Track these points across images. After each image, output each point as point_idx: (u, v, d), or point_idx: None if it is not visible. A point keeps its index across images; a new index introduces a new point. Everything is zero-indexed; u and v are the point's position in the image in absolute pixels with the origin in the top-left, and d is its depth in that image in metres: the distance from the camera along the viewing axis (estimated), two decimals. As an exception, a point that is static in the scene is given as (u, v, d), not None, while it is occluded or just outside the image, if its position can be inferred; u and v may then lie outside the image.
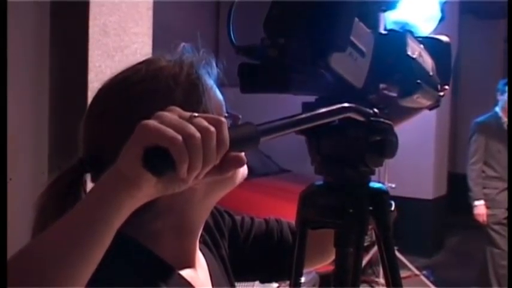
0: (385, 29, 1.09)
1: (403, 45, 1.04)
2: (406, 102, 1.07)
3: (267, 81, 0.91)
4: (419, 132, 7.73)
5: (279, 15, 0.92)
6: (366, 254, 6.31)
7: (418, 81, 1.04)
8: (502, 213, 5.69)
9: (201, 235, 1.13)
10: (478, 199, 5.76)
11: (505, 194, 5.59)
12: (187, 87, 0.98)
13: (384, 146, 0.98)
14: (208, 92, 1.00)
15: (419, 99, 1.07)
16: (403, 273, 6.69)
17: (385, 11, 1.14)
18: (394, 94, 1.06)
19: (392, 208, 1.04)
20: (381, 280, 6.37)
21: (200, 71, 1.01)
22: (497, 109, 5.81)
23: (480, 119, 5.97)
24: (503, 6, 11.50)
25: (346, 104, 0.90)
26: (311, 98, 1.00)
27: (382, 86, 1.08)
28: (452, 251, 8.60)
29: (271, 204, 5.90)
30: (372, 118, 0.96)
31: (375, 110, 0.97)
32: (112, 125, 0.96)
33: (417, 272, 6.37)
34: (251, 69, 0.91)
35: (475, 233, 9.75)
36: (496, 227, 5.75)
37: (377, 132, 0.97)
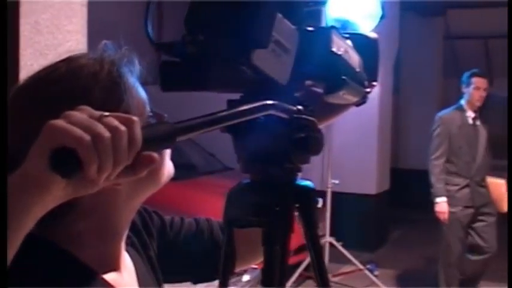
0: (310, 26, 1.08)
1: (328, 42, 1.03)
2: (332, 99, 1.07)
3: (187, 79, 0.89)
4: (362, 128, 7.83)
5: (199, 11, 0.91)
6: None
7: (344, 77, 1.04)
8: (460, 211, 5.59)
9: (128, 237, 1.11)
10: (439, 196, 5.60)
11: (465, 191, 5.53)
12: (107, 86, 0.96)
13: (308, 142, 0.98)
14: (130, 90, 0.98)
15: (345, 96, 1.07)
16: (347, 268, 6.78)
17: (311, 7, 1.13)
18: (321, 91, 1.06)
19: (320, 205, 1.03)
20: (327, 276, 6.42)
21: (122, 69, 0.99)
22: (462, 102, 5.68)
23: (444, 112, 5.83)
24: (443, 3, 11.75)
25: (267, 102, 0.89)
26: (237, 95, 0.99)
27: (308, 82, 1.08)
28: (395, 245, 8.73)
29: (215, 202, 5.86)
30: (295, 115, 0.95)
31: (299, 107, 0.96)
32: (29, 125, 0.93)
33: (361, 267, 6.44)
34: (171, 66, 0.90)
35: (417, 227, 9.96)
36: (454, 225, 5.61)
37: (300, 129, 0.96)
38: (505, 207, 5.50)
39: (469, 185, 5.54)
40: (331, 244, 6.38)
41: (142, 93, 1.02)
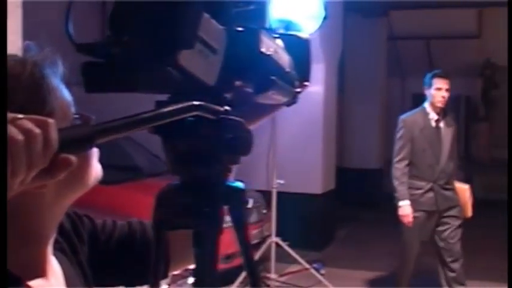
0: (240, 26, 1.08)
1: (256, 42, 1.03)
2: (262, 99, 1.07)
3: (111, 80, 0.88)
4: (307, 129, 7.90)
5: (123, 11, 0.89)
6: (256, 250, 6.36)
7: (273, 77, 1.04)
8: (423, 215, 5.51)
9: (57, 241, 1.08)
10: (402, 199, 5.47)
11: (429, 195, 5.46)
12: (30, 88, 0.94)
13: (236, 143, 0.97)
14: (54, 91, 0.96)
15: (274, 96, 1.07)
16: (293, 268, 6.81)
17: (241, 7, 1.13)
18: (251, 91, 1.06)
19: (249, 206, 1.03)
20: (273, 275, 6.44)
21: (45, 70, 0.97)
22: (425, 104, 5.58)
23: (407, 114, 5.72)
24: (386, 4, 11.93)
25: (192, 102, 0.89)
26: (166, 97, 0.98)
27: (237, 83, 1.08)
28: (341, 244, 8.83)
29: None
30: (222, 116, 0.94)
31: (226, 107, 0.96)
32: None
33: (307, 266, 6.48)
34: (95, 67, 0.88)
35: (363, 225, 10.09)
36: (415, 228, 5.48)
37: (228, 129, 0.96)
38: (469, 213, 5.50)
39: (433, 188, 5.47)
40: (277, 244, 6.40)
41: (66, 94, 1.00)
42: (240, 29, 1.07)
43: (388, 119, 13.62)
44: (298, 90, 1.16)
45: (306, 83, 1.23)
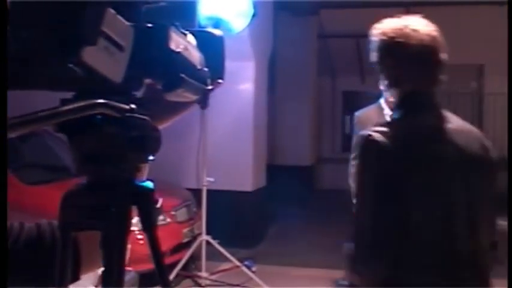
0: (149, 22, 1.06)
1: (165, 39, 1.02)
2: (172, 97, 1.06)
3: (12, 78, 0.85)
4: (237, 126, 7.90)
5: (23, 6, 0.87)
6: (187, 249, 6.34)
7: (182, 75, 1.03)
8: None
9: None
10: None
11: None
12: None
13: (144, 142, 0.96)
14: None
15: (185, 94, 1.06)
16: (224, 266, 6.81)
17: (151, 3, 1.11)
18: (160, 89, 1.05)
19: (158, 205, 1.01)
20: (204, 274, 6.42)
21: None
22: (380, 100, 5.18)
23: (362, 110, 5.38)
24: (316, 3, 12.04)
25: (95, 100, 0.86)
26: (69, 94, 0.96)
27: (146, 81, 1.06)
28: (273, 241, 8.87)
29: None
30: (127, 114, 0.93)
31: (132, 105, 0.94)
32: None
33: (238, 263, 6.48)
34: (-6, 64, 0.85)
35: (294, 222, 10.17)
36: None
37: (134, 128, 0.94)
38: None
39: None
40: (208, 242, 6.39)
41: None
42: (148, 25, 1.05)
43: (319, 117, 13.78)
44: (211, 87, 1.15)
45: (219, 81, 1.21)
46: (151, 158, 1.06)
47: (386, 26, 2.16)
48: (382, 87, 5.30)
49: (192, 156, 6.55)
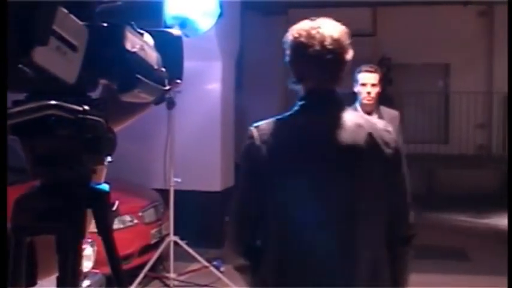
0: (105, 22, 1.04)
1: (121, 39, 1.00)
2: (128, 97, 1.04)
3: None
4: (205, 126, 7.88)
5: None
6: (155, 250, 6.30)
7: (138, 75, 1.01)
8: None
9: None
10: None
11: None
12: None
13: (98, 143, 0.94)
14: None
15: (141, 94, 1.04)
16: (193, 266, 6.78)
17: (107, 3, 1.10)
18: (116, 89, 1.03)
19: (114, 208, 1.00)
20: (172, 275, 6.39)
21: None
22: (356, 103, 5.06)
23: None
24: (284, 3, 12.06)
25: (46, 102, 0.85)
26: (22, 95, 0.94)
27: (102, 81, 1.04)
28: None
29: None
30: (80, 115, 0.91)
31: (85, 107, 0.92)
32: None
33: (206, 264, 6.46)
34: None
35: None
36: None
37: (88, 129, 0.92)
38: None
39: None
40: (176, 243, 6.35)
41: None
42: (103, 24, 1.03)
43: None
44: (168, 88, 1.13)
45: (177, 81, 1.20)
46: (108, 159, 1.05)
47: (297, 27, 2.31)
48: (355, 89, 4.90)
49: (160, 157, 6.51)
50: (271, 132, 2.26)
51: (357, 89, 4.96)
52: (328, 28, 2.27)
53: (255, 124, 2.34)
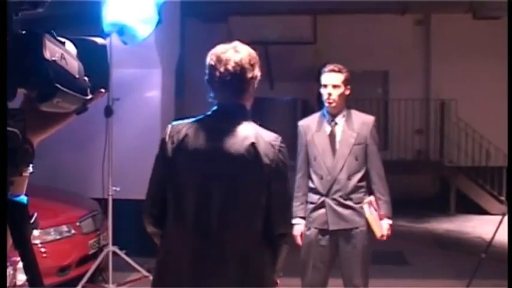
0: (23, 29, 1.02)
1: (39, 47, 0.98)
2: (47, 107, 1.02)
3: None
4: (144, 134, 7.78)
5: None
6: (94, 261, 6.19)
7: (57, 85, 0.99)
8: (314, 235, 4.53)
9: None
10: (294, 217, 4.35)
11: (321, 211, 4.49)
12: None
13: (14, 154, 0.91)
14: None
15: (60, 104, 1.02)
16: (133, 276, 6.68)
17: (26, 10, 1.07)
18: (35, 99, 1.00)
19: (32, 220, 0.97)
20: (111, 286, 6.30)
21: None
22: (324, 110, 4.65)
23: (304, 119, 4.83)
24: (224, 11, 12.08)
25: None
26: None
27: (20, 90, 1.01)
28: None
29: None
30: (-6, 126, 0.88)
31: (-1, 117, 0.89)
32: None
33: (146, 274, 6.38)
34: None
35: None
36: (308, 250, 4.57)
37: (2, 141, 0.89)
38: (378, 232, 4.53)
39: (324, 204, 4.48)
40: (115, 253, 6.26)
41: None
42: (21, 32, 1.01)
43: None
44: (90, 97, 1.11)
45: (102, 90, 1.18)
46: (30, 170, 1.02)
47: (213, 51, 2.79)
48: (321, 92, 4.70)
49: (98, 165, 6.39)
50: (179, 131, 2.74)
51: (321, 90, 4.57)
52: (233, 52, 2.74)
53: (174, 122, 2.85)
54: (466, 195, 12.48)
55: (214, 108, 2.79)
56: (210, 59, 2.75)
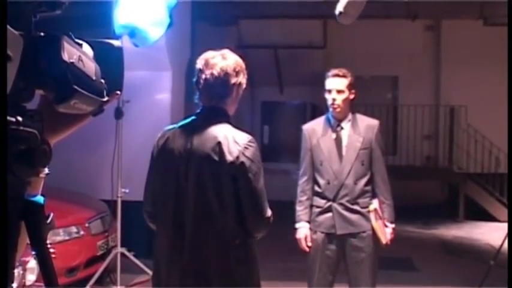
0: (42, 31, 1.03)
1: (58, 49, 0.99)
2: (64, 109, 1.02)
3: None
4: (154, 136, 7.79)
5: None
6: (102, 262, 6.21)
7: (75, 86, 0.99)
8: (321, 239, 4.51)
9: None
10: (297, 221, 4.53)
11: (327, 215, 4.48)
12: None
13: (32, 155, 0.92)
14: None
15: (77, 105, 1.03)
16: (141, 278, 6.70)
17: (44, 12, 1.08)
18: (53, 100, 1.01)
19: (49, 220, 0.98)
20: (119, 287, 6.31)
21: None
22: (329, 114, 4.64)
23: (309, 123, 4.83)
24: (235, 14, 12.11)
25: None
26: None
27: (38, 92, 1.02)
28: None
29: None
30: (13, 127, 0.89)
31: (18, 118, 0.90)
32: None
33: (154, 276, 6.38)
34: None
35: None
36: (316, 255, 4.54)
37: (20, 141, 0.90)
38: (383, 240, 4.53)
39: (331, 208, 4.47)
40: (123, 254, 6.28)
41: None
42: (40, 34, 1.02)
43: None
44: (106, 99, 1.12)
45: (117, 92, 1.19)
46: (46, 171, 1.03)
47: (202, 56, 2.97)
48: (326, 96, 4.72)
49: (107, 167, 6.42)
50: (164, 135, 2.96)
51: (325, 95, 4.57)
52: (221, 58, 2.92)
53: (166, 127, 3.05)
54: (475, 201, 12.42)
55: (198, 110, 2.96)
56: (199, 62, 2.94)
